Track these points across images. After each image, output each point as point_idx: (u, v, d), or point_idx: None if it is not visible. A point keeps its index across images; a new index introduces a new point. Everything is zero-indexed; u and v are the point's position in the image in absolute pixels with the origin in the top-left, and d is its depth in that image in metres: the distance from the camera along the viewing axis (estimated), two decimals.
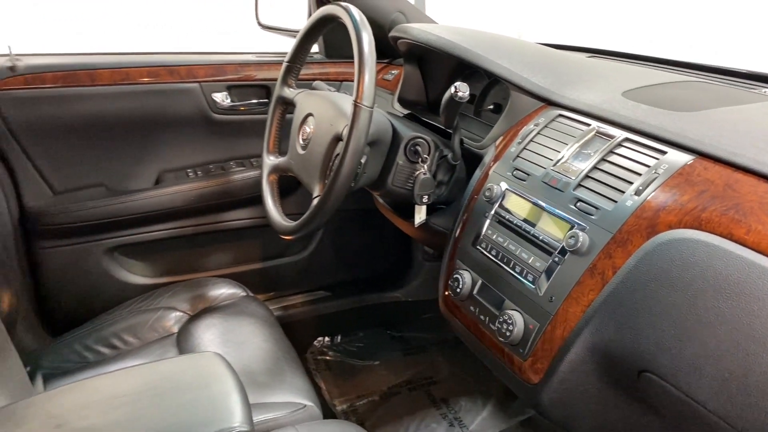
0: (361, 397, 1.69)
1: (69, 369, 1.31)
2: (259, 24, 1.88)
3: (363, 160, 1.20)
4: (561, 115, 1.10)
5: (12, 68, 1.45)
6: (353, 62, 1.11)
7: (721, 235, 0.76)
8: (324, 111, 1.23)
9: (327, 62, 1.78)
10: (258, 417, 1.11)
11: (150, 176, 1.65)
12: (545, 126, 1.10)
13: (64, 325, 1.48)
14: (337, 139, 1.16)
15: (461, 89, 1.11)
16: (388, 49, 1.69)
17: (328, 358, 1.84)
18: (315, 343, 1.89)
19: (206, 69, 1.62)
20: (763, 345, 0.69)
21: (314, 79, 1.54)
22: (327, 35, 1.78)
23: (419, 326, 1.98)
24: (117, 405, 0.85)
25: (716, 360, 0.73)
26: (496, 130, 1.22)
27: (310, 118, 1.27)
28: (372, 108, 1.08)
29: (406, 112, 1.52)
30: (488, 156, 1.18)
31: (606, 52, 1.54)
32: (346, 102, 1.20)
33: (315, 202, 1.17)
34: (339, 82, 1.74)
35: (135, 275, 1.67)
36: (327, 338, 1.91)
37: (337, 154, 1.12)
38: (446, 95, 1.13)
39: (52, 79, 1.48)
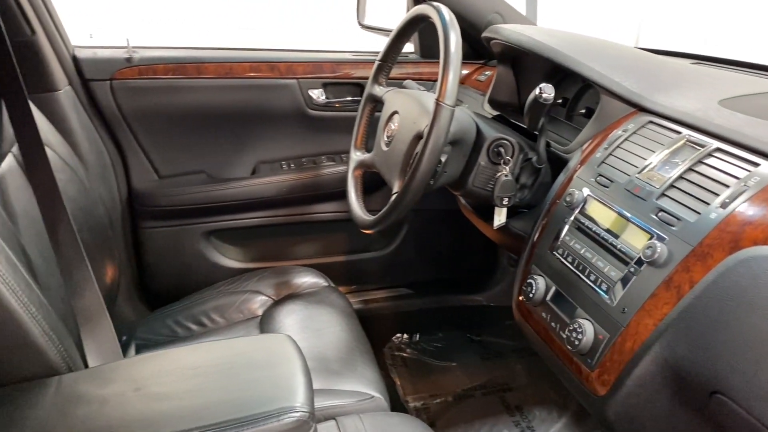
0: (435, 396, 1.69)
1: (159, 341, 1.41)
2: (360, 24, 1.93)
3: (443, 159, 1.20)
4: (651, 122, 1.05)
5: (128, 59, 1.57)
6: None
7: None
8: (409, 109, 1.25)
9: (421, 62, 1.79)
10: (324, 402, 1.14)
11: (247, 166, 1.74)
12: (634, 132, 1.06)
13: (160, 300, 1.59)
14: (419, 137, 1.17)
15: (546, 91, 1.09)
16: (483, 50, 1.69)
17: (405, 354, 1.85)
18: (393, 339, 1.91)
19: (305, 66, 1.69)
20: None
21: (407, 79, 1.56)
22: (422, 35, 1.80)
23: (499, 332, 1.95)
24: (191, 375, 0.90)
25: None
26: (583, 134, 1.19)
27: (396, 116, 1.29)
28: (453, 107, 1.08)
29: (495, 113, 1.51)
30: (574, 160, 1.16)
31: (712, 58, 1.46)
32: (430, 101, 1.21)
33: (393, 198, 1.18)
34: (432, 82, 1.75)
35: (227, 258, 1.76)
36: (405, 335, 1.92)
37: (418, 152, 1.14)
38: (531, 96, 1.12)
39: (163, 70, 1.59)
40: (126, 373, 0.91)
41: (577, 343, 0.94)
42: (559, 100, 1.41)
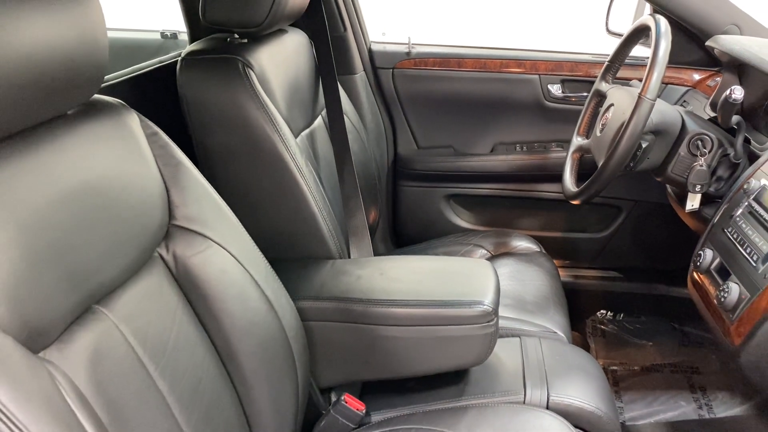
0: (624, 364, 1.88)
1: None
2: (608, 30, 2.14)
3: (644, 145, 1.41)
4: None
5: (408, 53, 2.03)
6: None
7: None
8: (622, 101, 1.48)
9: None
10: (514, 325, 1.45)
11: (487, 145, 2.09)
12: None
13: (405, 242, 2.04)
14: (623, 124, 1.40)
15: (735, 92, 1.26)
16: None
17: (605, 328, 2.05)
18: (597, 313, 2.12)
19: (546, 64, 1.98)
20: None
21: (635, 79, 1.77)
22: None
23: (704, 326, 2.02)
24: (417, 271, 1.30)
25: None
26: None
27: (611, 108, 1.53)
28: (653, 101, 1.30)
29: (713, 115, 1.65)
30: (764, 156, 1.30)
31: None
32: None
33: (594, 173, 1.44)
34: (664, 84, 1.91)
35: (459, 219, 2.14)
36: (610, 313, 2.11)
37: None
38: (722, 96, 1.29)
39: (432, 63, 2.02)
40: (375, 264, 1.34)
41: (723, 299, 1.12)
42: None
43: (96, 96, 0.95)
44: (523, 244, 1.87)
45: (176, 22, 2.26)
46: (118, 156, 0.93)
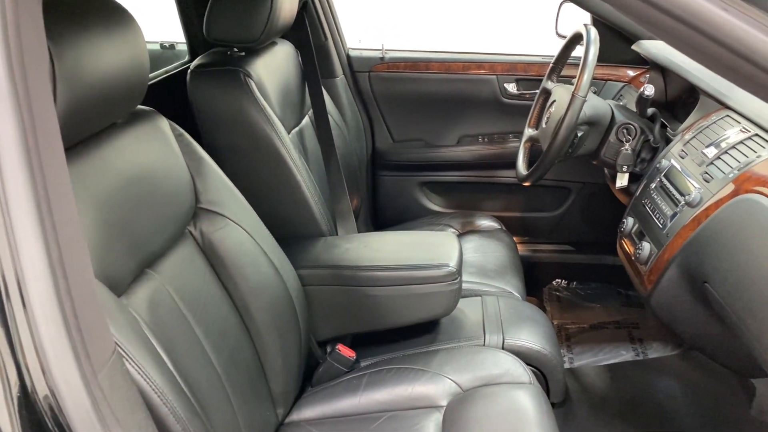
0: (575, 323, 2.17)
1: None
2: (557, 34, 2.43)
3: (580, 134, 1.70)
4: (728, 116, 1.45)
5: (382, 58, 2.29)
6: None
7: None
8: (561, 98, 1.76)
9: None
10: (476, 287, 1.73)
11: (453, 137, 2.36)
12: (714, 122, 1.47)
13: (383, 225, 2.30)
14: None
15: (647, 89, 1.55)
16: None
17: (559, 294, 2.34)
18: (553, 282, 2.41)
19: (503, 66, 2.26)
20: None
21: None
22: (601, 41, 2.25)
23: None
24: (394, 243, 1.58)
25: (749, 280, 1.11)
26: (686, 122, 1.61)
27: (554, 103, 1.81)
28: (584, 98, 1.58)
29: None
30: (674, 140, 1.59)
31: None
32: None
33: (539, 160, 1.72)
34: (603, 81, 2.20)
35: (431, 203, 2.41)
36: (564, 281, 2.40)
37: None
38: (638, 92, 1.58)
39: (403, 66, 2.28)
40: (360, 239, 1.61)
41: (638, 255, 1.41)
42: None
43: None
44: (486, 222, 2.15)
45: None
46: (156, 153, 1.18)
